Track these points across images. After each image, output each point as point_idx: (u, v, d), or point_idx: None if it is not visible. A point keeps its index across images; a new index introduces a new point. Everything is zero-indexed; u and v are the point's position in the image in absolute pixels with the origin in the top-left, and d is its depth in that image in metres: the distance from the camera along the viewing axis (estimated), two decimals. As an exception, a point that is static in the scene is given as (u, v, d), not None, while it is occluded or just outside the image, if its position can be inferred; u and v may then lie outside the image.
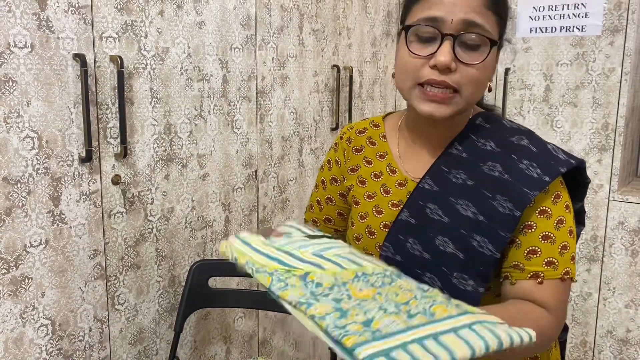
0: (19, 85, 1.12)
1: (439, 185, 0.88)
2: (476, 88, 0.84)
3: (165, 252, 1.48)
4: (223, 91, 1.57)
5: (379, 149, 0.98)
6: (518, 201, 0.81)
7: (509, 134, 0.89)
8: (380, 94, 2.30)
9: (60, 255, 1.24)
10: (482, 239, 0.82)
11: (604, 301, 2.10)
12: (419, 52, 0.83)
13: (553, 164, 0.84)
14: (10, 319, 1.16)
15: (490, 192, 0.84)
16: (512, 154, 0.85)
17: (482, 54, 0.82)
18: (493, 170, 0.85)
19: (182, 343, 1.57)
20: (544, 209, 0.83)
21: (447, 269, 0.84)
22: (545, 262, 0.82)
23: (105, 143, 1.29)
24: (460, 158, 0.89)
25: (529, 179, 0.82)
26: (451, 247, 0.84)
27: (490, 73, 0.86)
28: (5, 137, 1.11)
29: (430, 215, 0.87)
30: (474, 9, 0.80)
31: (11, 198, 1.14)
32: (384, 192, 0.95)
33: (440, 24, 0.81)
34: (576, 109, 2.08)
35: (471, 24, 0.80)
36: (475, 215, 0.83)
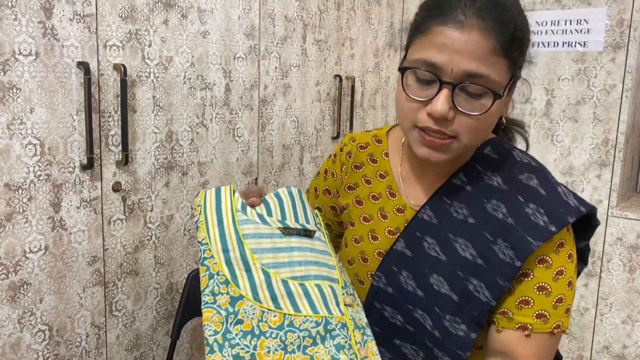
0: (22, 92, 1.13)
1: (438, 218, 0.83)
2: (477, 135, 0.77)
3: (163, 260, 1.49)
4: (225, 100, 1.58)
5: (380, 168, 0.93)
6: (519, 250, 0.76)
7: (518, 170, 0.82)
8: (382, 104, 2.31)
9: (60, 261, 1.24)
10: (479, 284, 0.78)
11: (600, 316, 2.11)
12: (415, 95, 0.76)
13: (562, 212, 0.77)
14: (8, 324, 1.17)
15: (491, 235, 0.78)
16: (519, 195, 0.79)
17: (484, 104, 0.74)
18: (497, 211, 0.79)
19: (178, 350, 1.58)
20: (544, 258, 0.77)
21: (440, 310, 0.79)
22: (536, 314, 0.77)
23: (107, 150, 1.30)
24: (463, 190, 0.83)
25: (534, 227, 0.76)
26: (446, 287, 0.80)
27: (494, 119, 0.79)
28: (7, 143, 1.12)
29: (427, 250, 0.82)
30: (479, 57, 0.71)
31: (12, 204, 1.14)
32: (381, 216, 0.90)
33: (439, 70, 0.73)
34: (577, 124, 2.08)
35: (473, 75, 0.72)
36: (474, 257, 0.79)
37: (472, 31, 0.71)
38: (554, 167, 2.13)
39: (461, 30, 0.71)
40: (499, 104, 0.75)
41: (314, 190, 1.05)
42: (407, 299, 0.83)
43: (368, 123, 2.25)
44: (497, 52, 0.72)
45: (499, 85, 0.74)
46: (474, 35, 0.71)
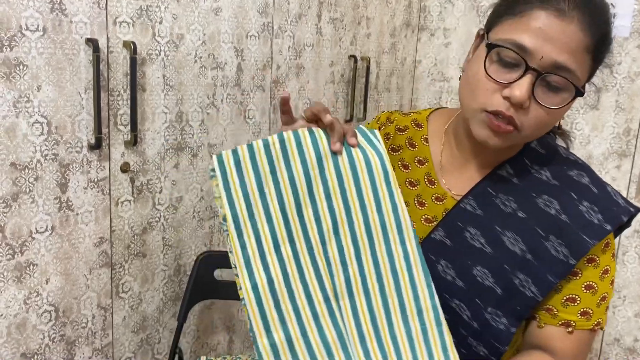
0: (29, 69, 1.10)
1: (483, 209, 0.82)
2: (540, 130, 0.77)
3: (171, 242, 1.47)
4: (237, 80, 1.54)
5: (419, 154, 0.90)
6: (575, 248, 0.76)
7: (566, 166, 0.82)
8: (397, 86, 2.26)
9: (66, 242, 1.23)
10: (526, 279, 0.77)
11: (613, 309, 2.07)
12: (496, 76, 0.74)
13: (615, 210, 0.78)
14: (14, 305, 1.16)
15: (544, 231, 0.78)
16: (572, 191, 0.79)
17: (562, 99, 0.73)
18: (549, 207, 0.78)
19: (185, 332, 1.57)
20: (593, 258, 0.78)
21: (482, 302, 0.79)
22: (581, 312, 0.78)
23: (116, 130, 1.27)
24: (510, 183, 0.82)
25: (589, 225, 0.76)
26: (490, 280, 0.79)
27: (560, 117, 0.79)
28: (14, 122, 1.09)
29: (470, 241, 0.81)
30: (571, 50, 0.70)
31: (18, 184, 1.12)
32: (418, 203, 0.88)
33: (528, 55, 0.71)
34: (598, 112, 2.02)
35: (561, 67, 0.71)
36: (523, 252, 0.78)
37: (572, 22, 0.70)
38: (572, 156, 2.08)
39: (561, 19, 0.70)
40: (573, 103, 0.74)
41: None
42: (444, 288, 0.81)
43: (382, 106, 2.20)
44: (589, 49, 0.71)
45: (580, 83, 0.73)
46: (572, 26, 0.70)
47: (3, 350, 1.15)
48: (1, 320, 1.14)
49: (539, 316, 0.80)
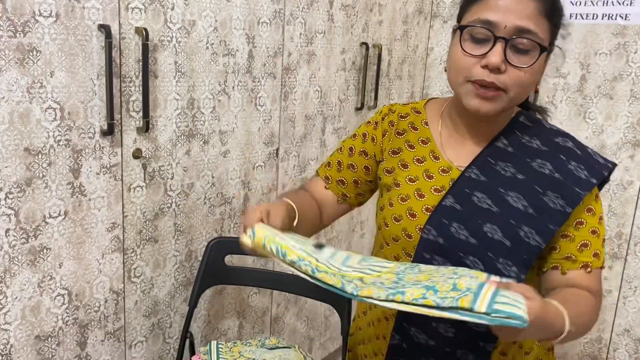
0: (43, 55, 1.10)
1: (486, 175, 0.94)
2: (522, 90, 0.89)
3: (183, 227, 1.48)
4: (248, 67, 1.54)
5: (421, 135, 1.02)
6: (570, 199, 0.89)
7: (552, 135, 0.95)
8: (408, 74, 2.25)
9: (79, 227, 1.24)
10: (530, 230, 0.89)
11: (623, 299, 2.06)
12: (471, 51, 0.88)
13: (597, 167, 0.92)
14: (29, 288, 1.17)
15: (541, 188, 0.90)
16: (561, 154, 0.92)
17: (532, 58, 0.86)
18: (543, 168, 0.92)
19: (195, 317, 1.58)
20: (590, 207, 0.92)
21: (493, 255, 0.90)
22: (593, 253, 0.91)
23: (128, 116, 1.28)
24: (506, 152, 0.95)
25: (579, 180, 0.90)
26: (499, 234, 0.90)
27: (537, 76, 0.90)
28: (28, 107, 1.10)
29: (478, 204, 0.92)
30: (528, 15, 0.85)
31: (32, 169, 1.13)
32: (427, 177, 0.98)
33: (494, 27, 0.86)
34: (612, 101, 2.00)
35: (523, 30, 0.85)
36: (526, 208, 0.90)
37: None
38: (585, 146, 2.06)
39: None
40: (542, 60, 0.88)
41: (349, 149, 1.10)
42: (459, 247, 0.92)
43: (393, 94, 2.19)
44: (542, 13, 0.85)
45: (544, 42, 0.86)
46: None
47: (18, 332, 1.17)
48: (16, 302, 1.16)
49: (560, 265, 0.91)
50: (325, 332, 2.14)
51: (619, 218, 2.04)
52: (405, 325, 0.98)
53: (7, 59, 1.06)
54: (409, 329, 0.98)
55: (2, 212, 1.10)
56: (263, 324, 1.83)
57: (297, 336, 1.99)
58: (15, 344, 1.17)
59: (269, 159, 1.69)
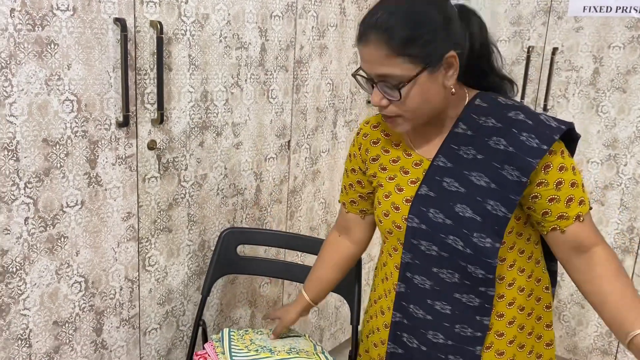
0: (60, 48, 1.13)
1: (452, 161, 1.01)
2: (415, 110, 0.97)
3: (196, 218, 1.51)
4: (260, 60, 1.56)
5: (394, 139, 1.10)
6: (524, 169, 0.94)
7: (505, 110, 0.99)
8: (420, 67, 2.25)
9: (95, 216, 1.27)
10: (495, 203, 0.96)
11: (634, 293, 2.06)
12: (367, 91, 1.01)
13: (548, 133, 0.95)
14: (47, 275, 1.21)
15: (499, 163, 0.96)
16: (513, 128, 0.96)
17: (399, 91, 0.94)
18: (498, 144, 0.97)
19: (208, 305, 1.61)
20: (562, 165, 0.96)
21: (468, 231, 0.98)
22: (579, 202, 0.96)
23: (143, 108, 1.31)
24: (466, 136, 1.01)
25: (530, 149, 0.94)
26: (469, 212, 0.98)
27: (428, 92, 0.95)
28: (46, 99, 1.13)
29: (448, 188, 1.00)
30: (379, 62, 0.92)
31: (50, 159, 1.16)
32: (403, 172, 1.07)
33: (366, 74, 0.97)
34: (625, 95, 1.99)
35: (382, 75, 0.94)
36: (488, 183, 0.97)
37: (368, 44, 0.93)
38: (597, 139, 2.06)
39: (363, 45, 0.94)
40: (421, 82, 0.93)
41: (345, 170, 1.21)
42: (439, 229, 1.00)
43: (405, 86, 2.19)
44: (393, 54, 0.91)
45: (403, 77, 0.93)
46: (370, 47, 0.92)
47: (37, 318, 1.21)
48: (35, 289, 1.19)
49: (557, 225, 0.97)
50: (335, 322, 2.17)
51: (630, 212, 2.04)
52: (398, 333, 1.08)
53: (26, 52, 1.09)
54: (401, 335, 1.07)
55: (21, 201, 1.14)
56: (274, 313, 1.86)
57: (307, 326, 2.02)
58: (34, 329, 1.21)
59: (281, 150, 1.71)
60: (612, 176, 2.05)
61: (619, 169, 2.03)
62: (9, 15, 1.05)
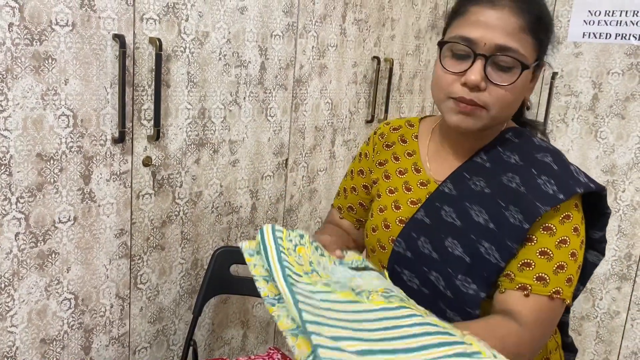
0: (58, 63, 1.13)
1: (457, 190, 0.92)
2: (504, 107, 0.86)
3: (190, 236, 1.49)
4: (260, 78, 1.56)
5: (409, 148, 1.03)
6: (528, 214, 0.83)
7: (535, 150, 0.90)
8: (419, 88, 2.25)
9: (88, 232, 1.26)
10: (490, 246, 0.85)
11: (632, 321, 2.04)
12: (451, 68, 0.86)
13: (571, 183, 0.84)
14: (36, 291, 1.19)
15: (504, 202, 0.86)
16: (533, 168, 0.87)
17: (513, 75, 0.84)
18: (511, 182, 0.87)
19: (200, 325, 1.59)
20: (549, 226, 0.84)
21: (453, 271, 0.87)
22: (536, 277, 0.82)
23: (139, 125, 1.30)
24: (482, 167, 0.92)
25: (543, 195, 0.83)
26: (459, 250, 0.87)
27: (522, 93, 0.88)
28: (41, 113, 1.12)
29: (445, 218, 0.90)
30: (509, 33, 0.82)
31: (43, 174, 1.15)
32: (405, 189, 0.99)
33: (473, 44, 0.84)
34: (623, 121, 1.99)
35: (504, 48, 0.82)
36: (487, 222, 0.86)
37: (503, 9, 0.82)
38: (596, 164, 2.05)
39: (494, 8, 0.82)
40: (525, 78, 0.85)
41: (351, 172, 1.13)
42: (423, 261, 0.90)
43: (404, 108, 2.19)
44: (525, 29, 0.82)
45: (526, 60, 0.83)
46: (505, 12, 0.82)
47: (24, 335, 1.19)
48: (23, 306, 1.17)
49: (500, 282, 0.85)
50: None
51: (628, 239, 2.02)
52: None
53: (23, 66, 1.08)
54: None
55: (12, 216, 1.12)
56: (267, 334, 1.83)
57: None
58: (21, 347, 1.19)
59: (278, 169, 1.70)
60: (610, 202, 2.04)
61: (617, 196, 2.02)
62: (7, 30, 1.05)
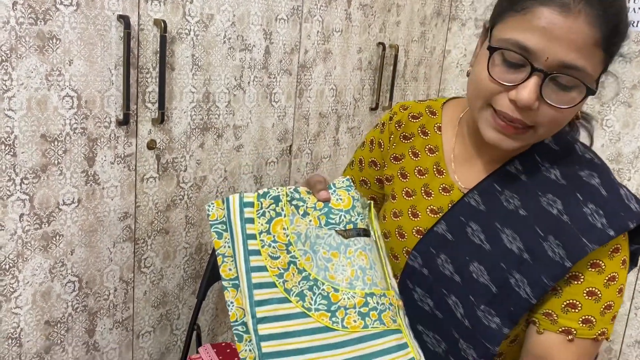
0: (62, 43, 1.12)
1: (486, 204, 0.79)
2: (554, 128, 0.74)
3: (194, 220, 1.49)
4: (264, 63, 1.55)
5: (430, 142, 0.88)
6: (572, 251, 0.72)
7: (579, 165, 0.78)
8: (425, 76, 2.24)
9: (92, 215, 1.25)
10: (521, 279, 0.74)
11: (635, 310, 2.04)
12: (499, 78, 0.70)
13: (622, 216, 0.72)
14: (40, 273, 1.19)
15: (543, 230, 0.74)
16: (578, 192, 0.75)
17: (574, 98, 0.69)
18: (552, 207, 0.75)
19: (204, 310, 1.59)
20: (597, 262, 0.73)
21: (475, 299, 0.77)
22: (583, 319, 0.73)
23: (144, 107, 1.29)
24: (517, 180, 0.79)
25: (591, 229, 0.72)
26: (485, 277, 0.77)
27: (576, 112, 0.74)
28: (45, 94, 1.12)
29: (471, 237, 0.79)
30: (579, 48, 0.66)
31: (47, 155, 1.15)
32: (425, 193, 0.86)
33: (532, 56, 0.67)
34: (630, 109, 1.98)
35: (569, 67, 0.67)
36: (521, 251, 0.75)
37: (578, 17, 0.65)
38: (601, 153, 2.04)
39: (566, 15, 0.65)
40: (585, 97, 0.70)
41: (359, 162, 1.00)
42: (442, 283, 0.80)
43: (409, 95, 2.18)
44: (599, 44, 0.67)
45: (591, 80, 0.69)
46: (579, 22, 0.65)
47: (28, 317, 1.19)
48: (27, 287, 1.17)
49: (538, 321, 0.76)
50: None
51: (633, 228, 2.01)
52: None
53: (27, 46, 1.07)
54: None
55: (17, 197, 1.12)
56: (270, 320, 1.83)
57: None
58: (26, 328, 1.19)
59: (282, 155, 1.70)
60: (615, 191, 2.03)
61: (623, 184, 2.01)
62: (11, 8, 1.04)
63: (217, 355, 1.29)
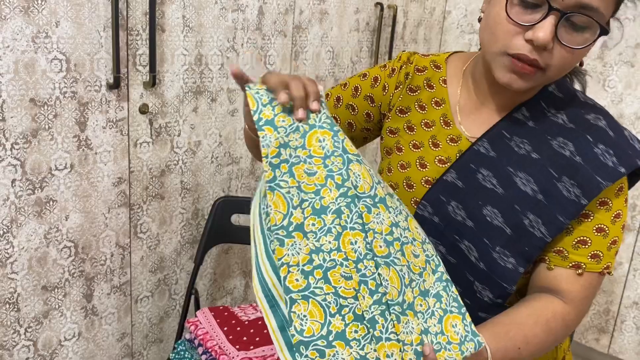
0: (48, 3, 1.09)
1: (496, 151, 0.82)
2: (564, 70, 0.76)
3: (190, 185, 1.48)
4: (258, 24, 1.51)
5: (436, 95, 0.89)
6: (587, 189, 0.76)
7: (584, 110, 0.81)
8: (424, 37, 2.19)
9: (85, 180, 1.24)
10: (536, 219, 0.77)
11: (634, 272, 2.04)
12: (517, 19, 0.72)
13: (630, 154, 0.77)
14: (35, 239, 1.19)
15: (556, 172, 0.78)
16: (587, 134, 0.78)
17: (587, 39, 0.71)
18: (563, 149, 0.78)
19: (202, 275, 1.60)
20: (605, 201, 0.78)
21: (490, 242, 0.79)
22: (591, 254, 0.78)
23: (134, 70, 1.27)
24: (526, 126, 0.82)
25: (603, 167, 0.76)
26: (499, 220, 0.79)
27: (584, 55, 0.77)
28: (33, 57, 1.09)
29: (482, 182, 0.81)
30: None
31: (38, 120, 1.13)
32: (432, 144, 0.87)
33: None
34: (633, 69, 1.94)
35: (585, 6, 0.69)
36: (535, 192, 0.78)
37: None
38: (602, 115, 2.01)
39: None
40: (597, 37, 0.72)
41: (354, 89, 0.97)
42: (454, 228, 0.82)
43: (407, 57, 2.14)
44: None
45: (604, 21, 0.72)
46: None
47: (25, 282, 1.19)
48: (23, 252, 1.17)
49: (548, 258, 0.80)
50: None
51: (633, 190, 2.00)
52: None
53: (12, 7, 1.04)
54: None
55: (8, 162, 1.11)
56: (269, 284, 1.84)
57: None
58: (22, 293, 1.19)
59: (278, 119, 1.67)
60: (616, 153, 2.01)
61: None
62: (-7, -33, 1.01)
63: (215, 318, 1.30)
